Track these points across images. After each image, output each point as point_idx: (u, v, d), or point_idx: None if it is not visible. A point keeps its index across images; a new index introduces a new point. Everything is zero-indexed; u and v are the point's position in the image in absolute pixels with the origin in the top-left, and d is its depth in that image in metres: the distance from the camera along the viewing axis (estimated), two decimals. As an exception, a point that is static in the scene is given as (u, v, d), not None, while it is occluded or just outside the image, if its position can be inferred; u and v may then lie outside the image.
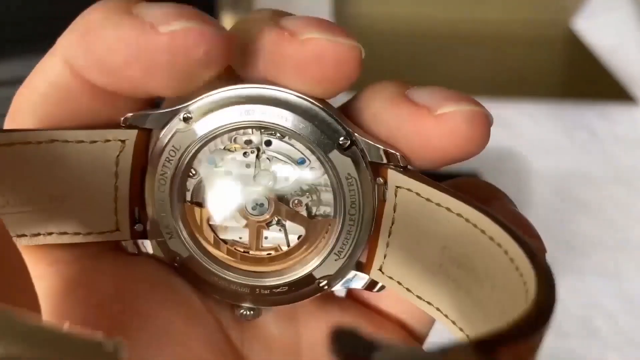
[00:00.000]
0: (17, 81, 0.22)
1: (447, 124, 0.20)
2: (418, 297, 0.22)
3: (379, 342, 0.11)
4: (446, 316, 0.21)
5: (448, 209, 0.20)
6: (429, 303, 0.21)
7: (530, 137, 0.74)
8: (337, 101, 0.23)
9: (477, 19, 0.83)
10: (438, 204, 0.20)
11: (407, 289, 0.22)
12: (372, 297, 0.26)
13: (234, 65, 0.22)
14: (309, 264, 0.24)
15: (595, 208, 0.69)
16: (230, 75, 0.22)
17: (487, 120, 0.20)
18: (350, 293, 0.27)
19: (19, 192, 0.21)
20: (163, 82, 0.20)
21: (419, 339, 0.27)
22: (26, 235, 0.22)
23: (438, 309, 0.21)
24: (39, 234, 0.22)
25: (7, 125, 0.22)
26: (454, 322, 0.20)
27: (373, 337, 0.11)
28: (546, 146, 0.73)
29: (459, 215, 0.20)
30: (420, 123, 0.20)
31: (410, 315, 0.26)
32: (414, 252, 0.22)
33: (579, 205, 0.69)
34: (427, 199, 0.21)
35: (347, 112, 0.23)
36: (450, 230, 0.20)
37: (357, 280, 0.24)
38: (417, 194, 0.21)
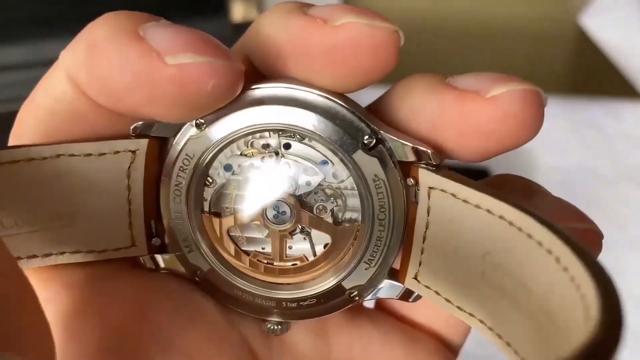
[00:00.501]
0: (23, 65, 0.21)
1: (499, 107, 0.18)
2: (458, 308, 0.20)
3: None
4: (490, 329, 0.19)
5: (488, 211, 0.18)
6: (470, 315, 0.20)
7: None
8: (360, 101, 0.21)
9: (484, 15, 0.81)
10: (477, 206, 0.19)
11: (446, 300, 0.21)
12: (404, 307, 0.25)
13: (256, 62, 0.20)
14: (338, 274, 0.22)
15: (602, 205, 0.67)
16: (250, 72, 0.20)
17: (541, 100, 0.18)
18: (380, 304, 0.26)
19: (26, 211, 0.20)
20: (166, 111, 0.18)
21: (454, 349, 0.25)
22: (37, 256, 0.21)
23: (481, 321, 0.20)
24: (50, 254, 0.21)
25: (12, 142, 0.21)
26: (499, 336, 0.19)
27: None
28: (553, 142, 0.71)
29: (501, 217, 0.18)
30: (469, 108, 0.18)
31: (445, 325, 0.24)
32: (452, 259, 0.20)
33: (585, 202, 0.66)
34: (464, 201, 0.19)
35: (377, 110, 0.21)
36: (491, 234, 0.18)
37: (391, 289, 0.22)
38: (453, 195, 0.19)
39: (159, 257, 0.22)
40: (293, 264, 0.23)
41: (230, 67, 0.18)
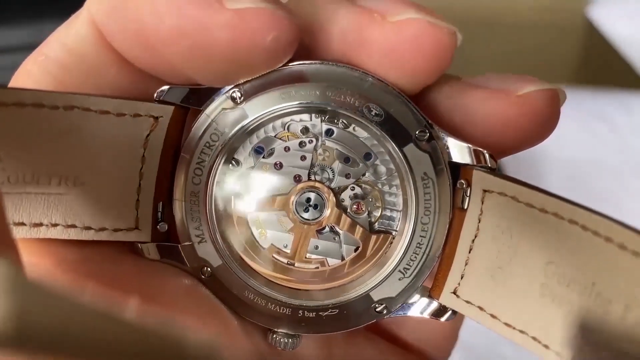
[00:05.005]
0: (24, 48, 0.19)
1: (529, 104, 0.18)
2: (506, 324, 0.18)
3: None
4: (546, 347, 0.17)
5: (556, 215, 0.17)
6: (522, 332, 0.18)
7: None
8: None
9: (493, 6, 0.81)
10: (542, 209, 0.17)
11: (492, 316, 0.18)
12: (393, 324, 0.23)
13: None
14: (367, 283, 0.20)
15: (611, 198, 0.63)
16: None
17: (559, 101, 0.19)
18: None
19: (22, 167, 0.17)
20: (210, 68, 0.16)
21: None
22: (25, 225, 0.17)
23: (535, 339, 0.17)
24: (41, 224, 0.18)
25: None
26: (559, 354, 0.17)
27: None
28: (562, 135, 0.68)
29: (572, 222, 0.16)
30: (501, 104, 0.18)
31: (430, 343, 0.23)
32: (504, 270, 0.18)
33: (594, 195, 0.63)
34: (528, 204, 0.17)
35: None
36: (559, 241, 0.17)
37: (422, 305, 0.20)
38: (514, 197, 0.18)
39: (158, 247, 0.19)
40: (316, 267, 0.20)
41: (293, 20, 0.16)
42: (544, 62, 0.78)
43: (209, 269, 0.19)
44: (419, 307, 0.20)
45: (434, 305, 0.20)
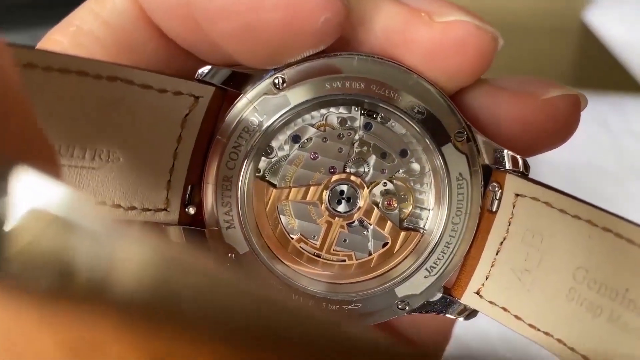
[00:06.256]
0: None
1: (554, 108, 0.18)
2: (531, 326, 0.19)
3: None
4: (572, 349, 0.18)
5: (590, 222, 0.17)
6: (546, 333, 0.18)
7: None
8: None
9: (489, 8, 0.82)
10: (576, 216, 0.18)
11: (516, 317, 0.19)
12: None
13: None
14: (392, 279, 0.20)
15: (607, 200, 0.60)
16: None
17: (581, 106, 0.19)
18: None
19: (58, 138, 0.16)
20: (256, 49, 0.16)
21: None
22: None
23: (560, 341, 0.18)
24: None
25: None
26: (585, 358, 0.17)
27: None
28: None
29: (605, 229, 0.17)
30: (527, 107, 0.18)
31: (428, 338, 0.23)
32: (532, 273, 0.18)
33: (590, 198, 0.60)
34: (561, 210, 0.18)
35: None
36: (592, 247, 0.17)
37: (444, 304, 0.20)
38: (547, 203, 0.18)
39: (184, 230, 0.19)
40: (342, 260, 0.20)
41: (345, 2, 0.16)
42: (540, 65, 0.78)
43: (233, 256, 0.19)
44: (441, 306, 0.20)
45: (457, 305, 0.20)
